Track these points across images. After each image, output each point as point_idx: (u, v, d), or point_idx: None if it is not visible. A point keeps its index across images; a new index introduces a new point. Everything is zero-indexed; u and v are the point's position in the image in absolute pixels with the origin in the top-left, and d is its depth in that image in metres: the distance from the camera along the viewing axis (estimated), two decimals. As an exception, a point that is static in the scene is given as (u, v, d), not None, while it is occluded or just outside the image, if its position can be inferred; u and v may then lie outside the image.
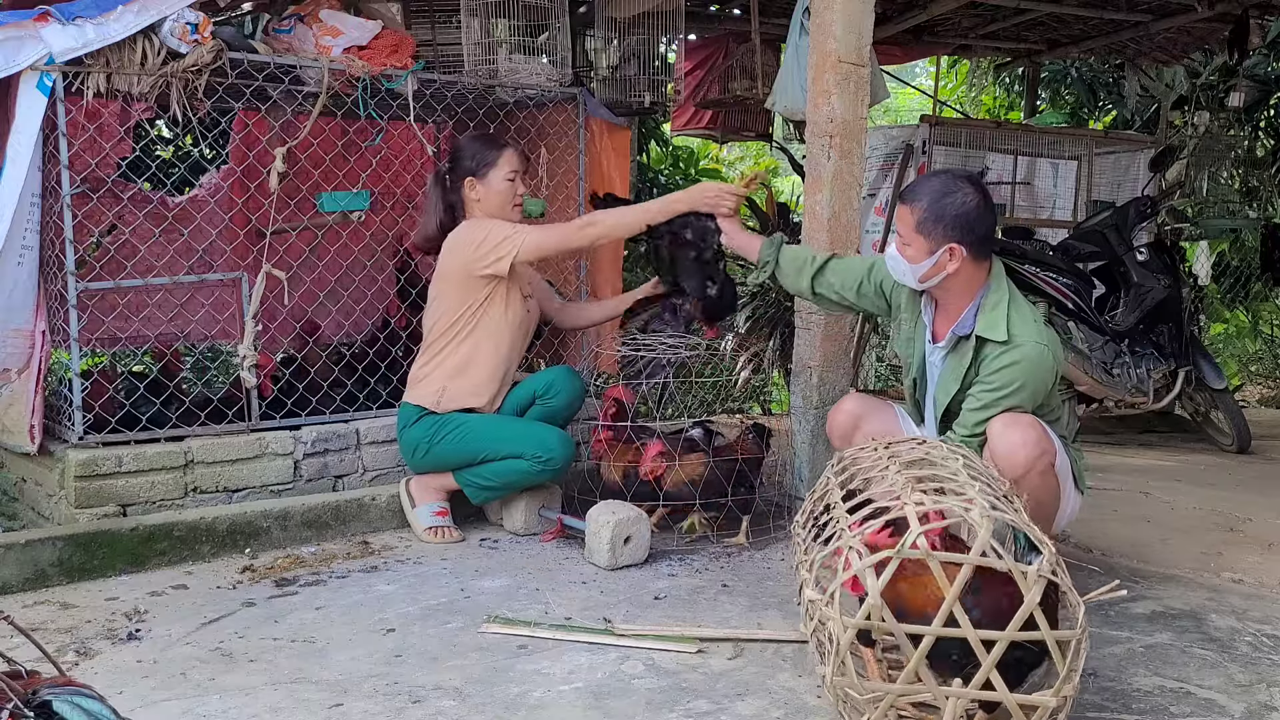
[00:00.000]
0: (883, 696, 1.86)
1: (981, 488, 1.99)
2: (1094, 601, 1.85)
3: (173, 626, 2.60)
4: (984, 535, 1.79)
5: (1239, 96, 6.45)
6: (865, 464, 2.33)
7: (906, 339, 2.96)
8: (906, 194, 2.75)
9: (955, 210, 2.64)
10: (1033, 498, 2.56)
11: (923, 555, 1.79)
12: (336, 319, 4.51)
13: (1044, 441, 2.57)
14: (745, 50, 5.70)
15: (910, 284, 2.80)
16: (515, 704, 2.16)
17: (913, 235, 2.69)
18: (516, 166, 3.46)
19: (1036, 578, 1.77)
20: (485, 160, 3.43)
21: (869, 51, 3.43)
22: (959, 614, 1.77)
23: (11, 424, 3.35)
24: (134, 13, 3.17)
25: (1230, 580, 3.05)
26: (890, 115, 12.23)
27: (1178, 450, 5.31)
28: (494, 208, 3.45)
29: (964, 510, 1.87)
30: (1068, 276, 4.99)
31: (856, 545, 1.87)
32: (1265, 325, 8.80)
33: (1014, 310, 2.68)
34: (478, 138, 3.55)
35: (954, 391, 2.75)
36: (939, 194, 2.67)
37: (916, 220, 2.67)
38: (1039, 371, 2.63)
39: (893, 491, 2.02)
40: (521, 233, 3.33)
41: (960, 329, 2.73)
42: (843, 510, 2.07)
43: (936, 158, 5.39)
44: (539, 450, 3.28)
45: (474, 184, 3.44)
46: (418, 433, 3.39)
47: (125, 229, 4.02)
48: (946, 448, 2.30)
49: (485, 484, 3.35)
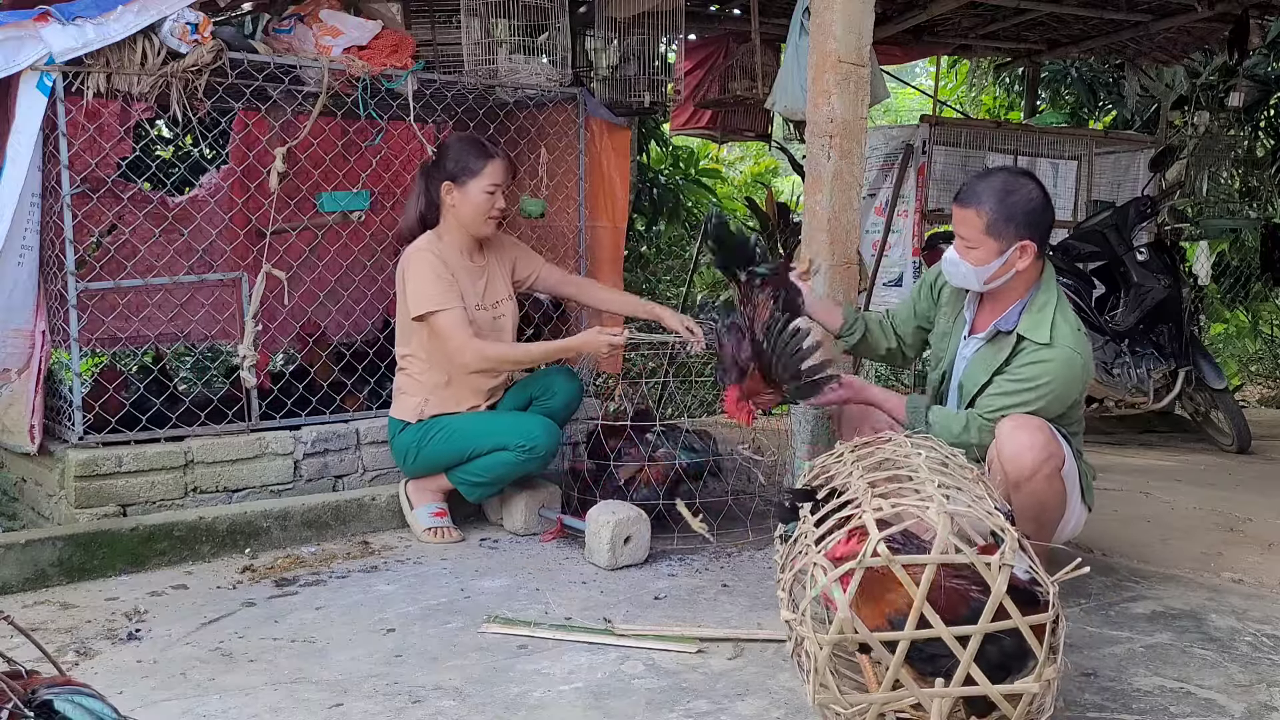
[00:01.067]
0: (869, 707, 1.86)
1: (941, 481, 1.98)
2: (1063, 580, 1.82)
3: (173, 626, 2.60)
4: (942, 533, 1.78)
5: (1239, 96, 6.44)
6: (834, 471, 2.31)
7: (942, 334, 2.94)
8: (966, 197, 2.68)
9: (1024, 207, 2.62)
10: (1037, 502, 2.55)
11: (885, 561, 1.78)
12: (336, 319, 4.51)
13: (1052, 445, 2.55)
14: (745, 50, 5.70)
15: (972, 286, 2.76)
16: (515, 704, 2.16)
17: (981, 238, 2.63)
18: (499, 180, 3.36)
19: (1000, 566, 1.76)
20: (468, 167, 3.35)
21: (869, 51, 3.42)
22: (930, 615, 1.76)
23: (11, 424, 3.35)
24: (134, 13, 3.17)
25: (1230, 580, 3.05)
26: (890, 115, 12.23)
27: (1178, 450, 5.31)
28: (467, 218, 3.39)
29: (923, 510, 1.86)
30: (1067, 276, 4.99)
31: (820, 561, 1.86)
32: (1265, 325, 8.80)
33: (1059, 314, 2.67)
34: (466, 141, 3.46)
35: (982, 382, 2.73)
36: (1004, 192, 2.62)
37: (986, 222, 2.62)
38: (1068, 378, 2.63)
39: (855, 499, 2.01)
40: (449, 306, 3.25)
41: (1003, 324, 2.71)
42: (809, 525, 2.06)
43: (936, 158, 5.39)
44: (522, 439, 3.27)
45: (451, 189, 3.37)
46: (406, 439, 3.40)
47: (125, 229, 4.02)
48: (910, 444, 2.27)
49: (476, 480, 3.35)
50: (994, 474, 2.61)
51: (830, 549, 1.88)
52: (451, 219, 3.42)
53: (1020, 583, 1.82)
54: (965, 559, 1.77)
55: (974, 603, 1.83)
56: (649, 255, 8.62)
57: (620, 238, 4.50)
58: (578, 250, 4.27)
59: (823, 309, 3.14)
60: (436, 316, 3.27)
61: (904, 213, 5.35)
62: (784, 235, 6.97)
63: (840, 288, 3.48)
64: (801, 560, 1.95)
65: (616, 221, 4.47)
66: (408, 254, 3.39)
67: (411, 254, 3.37)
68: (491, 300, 3.49)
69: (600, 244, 4.41)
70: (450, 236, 3.44)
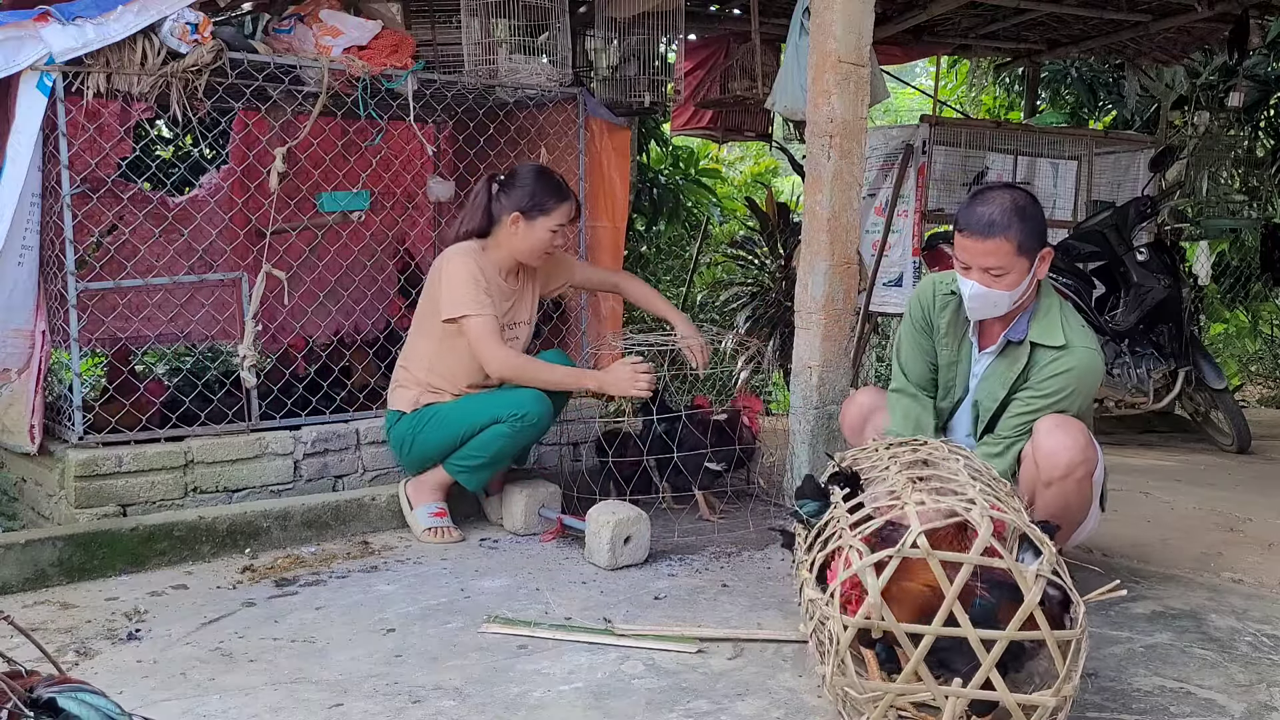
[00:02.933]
0: (882, 696, 1.86)
1: (982, 488, 1.99)
2: (1094, 601, 1.85)
3: (173, 626, 2.60)
4: (984, 534, 1.79)
5: (1239, 96, 6.44)
6: (865, 465, 2.33)
7: (948, 364, 2.85)
8: (987, 229, 2.58)
9: (1037, 217, 2.62)
10: (1064, 503, 2.55)
11: (923, 554, 1.79)
12: (337, 319, 4.51)
13: (1089, 449, 2.56)
14: (745, 50, 5.70)
15: (1003, 311, 2.67)
16: (515, 704, 2.16)
17: (1014, 261, 2.58)
18: (565, 221, 3.43)
19: (1035, 577, 1.77)
20: (542, 206, 3.39)
21: (869, 51, 3.43)
22: (959, 614, 1.77)
23: (11, 424, 3.35)
24: (134, 13, 3.17)
25: (1230, 580, 3.05)
26: (890, 115, 12.23)
27: (1178, 450, 5.31)
28: (523, 250, 3.43)
29: (965, 509, 1.87)
30: (1067, 276, 4.99)
31: (856, 545, 1.87)
32: (1265, 325, 8.80)
33: (1065, 316, 2.67)
34: (545, 177, 3.46)
35: (1000, 396, 2.70)
36: (1017, 211, 2.57)
37: (1017, 245, 2.56)
38: (1091, 377, 2.63)
39: (893, 492, 2.02)
40: (482, 313, 3.28)
41: (1014, 334, 2.70)
42: (843, 510, 2.07)
43: (936, 158, 5.38)
44: (514, 409, 3.27)
45: (519, 220, 3.39)
46: (401, 430, 3.42)
47: (125, 229, 4.02)
48: (947, 448, 2.30)
49: (475, 463, 3.35)
50: (1024, 472, 2.61)
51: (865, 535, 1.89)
52: (505, 242, 3.43)
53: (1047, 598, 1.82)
54: (1002, 564, 1.78)
55: (980, 600, 1.84)
56: (649, 255, 8.63)
57: (620, 238, 4.51)
58: (578, 250, 4.27)
59: None
60: (469, 321, 3.29)
61: (904, 213, 5.35)
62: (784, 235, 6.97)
63: (840, 288, 3.48)
64: (835, 542, 1.96)
65: (616, 221, 4.47)
66: (447, 255, 3.39)
67: (452, 256, 3.38)
68: (511, 321, 3.51)
69: (600, 244, 4.42)
70: (495, 254, 3.45)
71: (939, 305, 2.83)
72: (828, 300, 3.45)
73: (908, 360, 2.90)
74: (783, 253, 7.01)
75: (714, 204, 9.35)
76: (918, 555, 1.80)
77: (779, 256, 7.09)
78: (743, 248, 7.71)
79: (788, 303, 4.92)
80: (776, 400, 7.41)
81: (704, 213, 8.86)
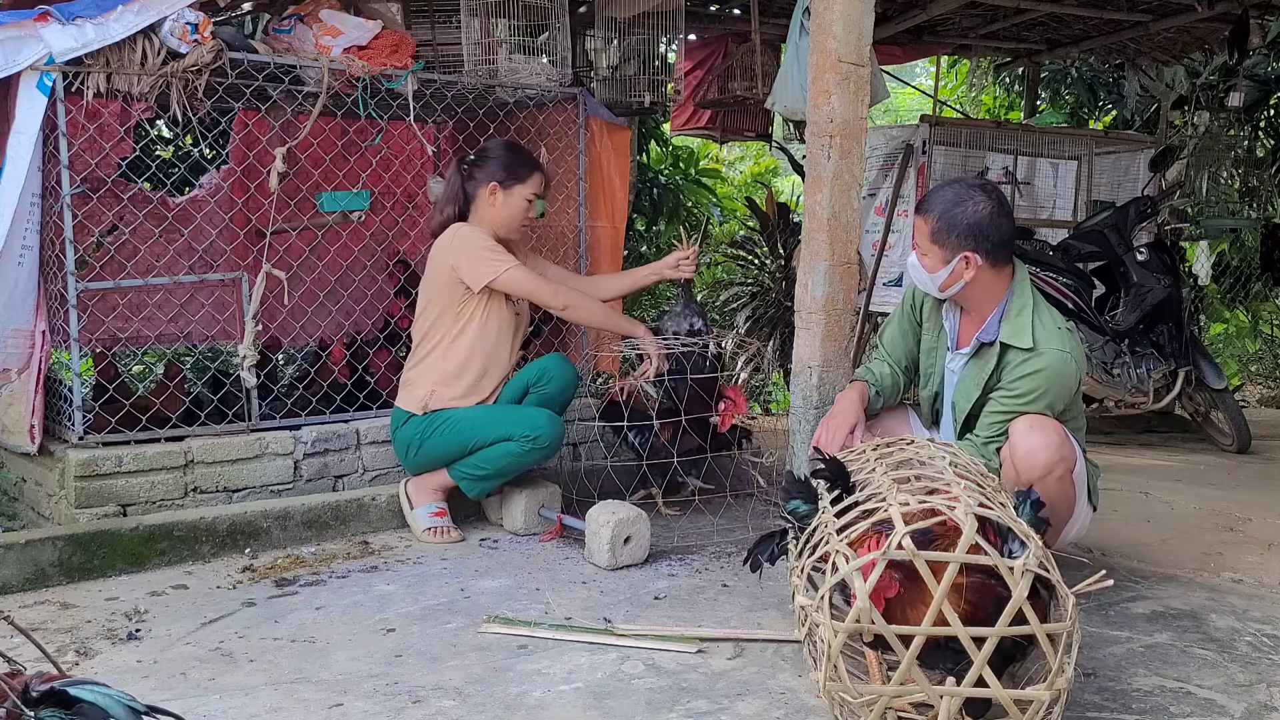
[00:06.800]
0: (877, 699, 1.86)
1: (967, 485, 1.99)
2: (1083, 593, 1.85)
3: (173, 626, 2.60)
4: (969, 533, 1.79)
5: (1239, 96, 6.43)
6: (853, 468, 2.32)
7: (928, 350, 2.96)
8: (921, 205, 2.79)
9: (968, 219, 2.66)
10: (1048, 502, 2.55)
11: (909, 555, 1.79)
12: (336, 319, 4.51)
13: (1065, 447, 2.57)
14: (745, 50, 5.70)
15: (932, 292, 2.82)
16: (515, 704, 2.16)
17: (929, 245, 2.72)
18: (539, 190, 3.52)
19: (1023, 572, 1.77)
20: (516, 175, 3.47)
21: (869, 51, 3.42)
22: (948, 613, 1.76)
23: (11, 424, 3.35)
24: (134, 13, 3.17)
25: (1230, 580, 3.05)
26: (890, 115, 12.23)
27: (1178, 450, 5.31)
28: (501, 221, 3.47)
29: (949, 509, 1.87)
30: (1068, 276, 4.99)
31: (843, 549, 1.87)
32: (1265, 325, 8.80)
33: (1038, 317, 2.69)
34: (516, 149, 3.59)
35: (975, 397, 2.75)
36: (951, 203, 2.69)
37: (931, 230, 2.71)
38: (1062, 379, 2.64)
39: (879, 494, 2.02)
40: (509, 263, 3.36)
41: (985, 335, 2.73)
42: (830, 515, 2.06)
43: (936, 158, 5.38)
44: (527, 430, 3.28)
45: (496, 190, 3.45)
46: (408, 432, 3.41)
47: (125, 229, 4.01)
48: (934, 447, 2.30)
49: (479, 474, 3.35)
50: (1004, 474, 2.62)
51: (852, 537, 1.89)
52: (485, 216, 3.47)
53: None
54: (989, 561, 1.78)
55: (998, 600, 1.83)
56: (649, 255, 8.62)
57: (620, 238, 4.50)
58: (577, 250, 4.27)
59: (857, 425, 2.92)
60: (504, 277, 3.34)
61: (904, 213, 5.35)
62: (784, 235, 6.98)
63: (840, 288, 3.47)
64: (823, 548, 1.96)
65: (616, 221, 4.47)
66: (453, 231, 3.42)
67: (458, 230, 3.42)
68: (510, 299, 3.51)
69: (600, 244, 4.41)
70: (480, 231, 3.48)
71: (923, 293, 2.94)
72: (828, 300, 3.44)
73: (890, 339, 3.04)
74: (783, 253, 7.01)
75: (714, 204, 9.35)
76: (903, 556, 1.79)
77: (779, 256, 7.09)
78: (743, 248, 7.72)
79: (788, 303, 4.93)
80: (777, 400, 7.42)
81: (704, 213, 8.86)
